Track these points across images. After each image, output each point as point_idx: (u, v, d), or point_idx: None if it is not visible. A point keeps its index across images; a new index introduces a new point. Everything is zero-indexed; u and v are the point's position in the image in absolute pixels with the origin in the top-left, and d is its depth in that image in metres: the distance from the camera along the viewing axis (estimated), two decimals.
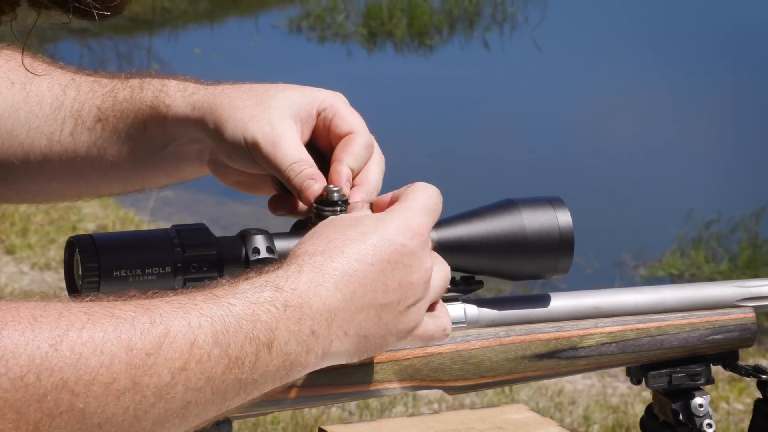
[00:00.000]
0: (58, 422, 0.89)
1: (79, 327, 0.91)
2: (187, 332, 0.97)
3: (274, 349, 1.03)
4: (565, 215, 1.26)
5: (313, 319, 1.06)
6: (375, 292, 1.10)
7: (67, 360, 0.89)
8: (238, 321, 1.01)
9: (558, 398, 4.35)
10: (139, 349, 0.93)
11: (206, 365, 0.98)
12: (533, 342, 1.28)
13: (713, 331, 1.34)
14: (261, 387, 1.04)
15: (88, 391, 0.90)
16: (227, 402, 1.01)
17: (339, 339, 1.09)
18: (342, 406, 4.08)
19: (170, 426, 0.97)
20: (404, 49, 10.73)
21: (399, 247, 1.12)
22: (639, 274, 6.18)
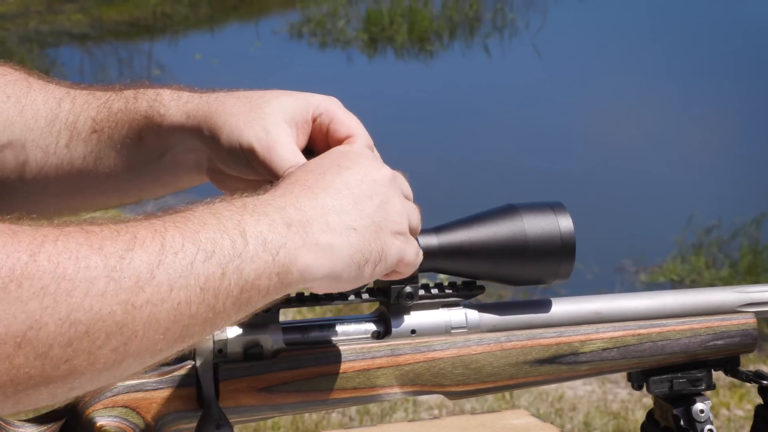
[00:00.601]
0: (46, 330, 0.90)
1: (53, 239, 0.92)
2: (154, 234, 0.97)
3: (249, 235, 1.01)
4: (567, 220, 1.26)
5: (280, 210, 1.05)
6: (337, 186, 1.10)
7: (46, 268, 0.90)
8: (200, 219, 1.01)
9: (558, 404, 4.34)
10: (112, 252, 0.94)
11: (183, 259, 0.97)
12: (534, 347, 1.28)
13: (714, 337, 1.34)
14: (254, 281, 1.01)
15: (70, 296, 0.91)
16: (220, 302, 0.99)
17: (323, 230, 1.06)
18: (342, 411, 4.08)
19: (166, 330, 0.96)
20: (405, 54, 10.74)
21: (354, 156, 1.15)
22: (639, 279, 6.18)
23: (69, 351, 0.91)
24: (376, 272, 1.11)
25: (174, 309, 0.96)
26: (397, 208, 1.13)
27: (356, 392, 1.22)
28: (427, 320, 1.26)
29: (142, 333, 0.94)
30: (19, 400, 0.91)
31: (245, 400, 1.18)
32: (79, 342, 0.91)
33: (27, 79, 1.37)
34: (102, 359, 0.93)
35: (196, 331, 0.98)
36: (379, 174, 1.14)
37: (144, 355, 0.96)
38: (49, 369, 0.90)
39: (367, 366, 1.22)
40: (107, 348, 0.93)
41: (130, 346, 0.94)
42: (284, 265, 1.02)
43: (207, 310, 0.98)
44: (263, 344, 1.19)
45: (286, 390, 1.19)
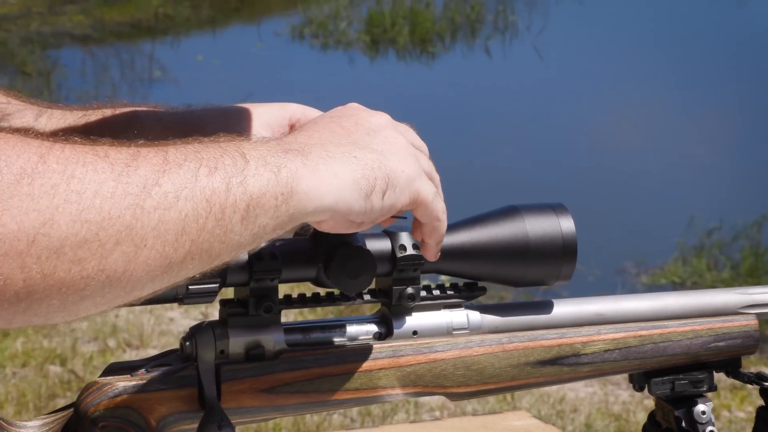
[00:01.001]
0: (56, 229, 0.90)
1: (60, 146, 0.93)
2: (157, 149, 0.98)
3: (249, 156, 1.01)
4: (568, 222, 1.26)
5: (278, 142, 1.06)
6: (331, 128, 1.11)
7: (56, 169, 0.91)
8: (201, 143, 1.02)
9: (560, 405, 4.34)
10: (118, 160, 0.94)
11: (186, 171, 0.97)
12: (536, 348, 1.28)
13: (716, 338, 1.34)
14: (258, 198, 1.01)
15: (80, 197, 0.91)
16: (227, 218, 0.99)
17: (323, 159, 1.06)
18: (344, 412, 4.08)
19: (175, 241, 0.96)
20: (406, 56, 10.74)
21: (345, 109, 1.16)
22: (641, 281, 6.17)
23: (80, 252, 0.91)
24: (387, 202, 1.10)
25: (182, 220, 0.96)
26: (399, 143, 1.13)
27: (358, 393, 1.22)
28: (429, 321, 1.26)
29: (151, 242, 0.94)
30: (30, 306, 0.90)
31: (247, 401, 1.18)
32: (89, 243, 0.91)
33: (6, 98, 1.39)
34: (112, 264, 0.92)
35: (206, 248, 0.98)
36: (375, 118, 1.14)
37: (154, 268, 0.95)
38: (60, 271, 0.90)
39: (368, 367, 1.22)
40: (117, 252, 0.93)
41: (140, 254, 0.94)
42: (287, 184, 1.03)
43: (215, 224, 0.98)
44: (265, 345, 1.19)
45: (287, 391, 1.19)
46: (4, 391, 4.18)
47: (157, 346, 4.56)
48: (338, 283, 1.19)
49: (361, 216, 1.08)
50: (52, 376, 4.31)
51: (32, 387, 4.21)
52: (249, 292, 1.18)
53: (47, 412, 1.20)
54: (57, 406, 4.03)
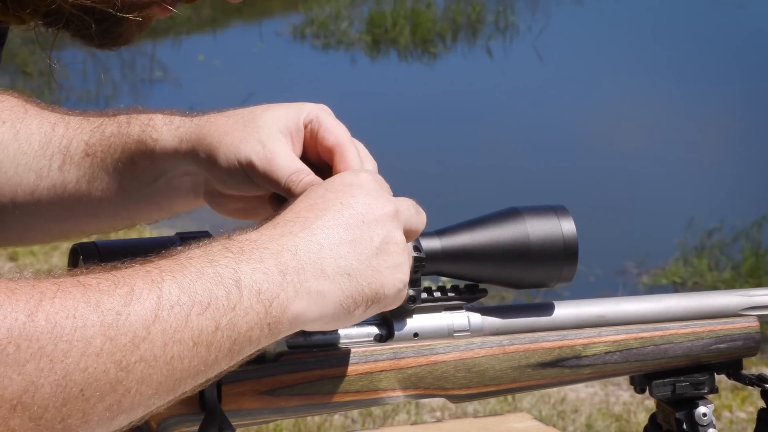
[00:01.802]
0: (41, 393, 0.89)
1: (50, 297, 0.92)
2: (151, 287, 0.97)
3: (244, 287, 1.02)
4: (569, 223, 1.26)
5: (276, 255, 1.05)
6: (336, 227, 1.10)
7: (44, 328, 0.90)
8: (198, 269, 1.01)
9: (561, 406, 4.34)
10: (108, 309, 0.94)
11: (178, 313, 0.97)
12: (537, 350, 1.27)
13: (717, 340, 1.33)
14: (246, 333, 1.02)
15: (66, 357, 0.91)
16: (212, 354, 1.00)
17: (316, 277, 1.07)
18: (345, 414, 4.07)
19: (158, 384, 0.97)
20: (408, 56, 10.74)
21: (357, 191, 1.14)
22: (642, 282, 6.17)
23: (64, 411, 0.91)
24: (369, 313, 1.12)
25: (167, 364, 0.97)
26: (399, 248, 1.13)
27: (359, 395, 1.22)
28: (430, 323, 1.25)
29: (135, 390, 0.95)
30: None
31: (248, 404, 1.18)
32: (73, 402, 0.91)
33: (24, 105, 1.39)
34: (96, 417, 0.93)
35: (188, 383, 1.00)
36: (381, 211, 1.13)
37: (137, 410, 0.96)
38: (44, 429, 0.90)
39: (369, 369, 1.22)
40: (101, 406, 0.93)
41: (123, 403, 0.95)
42: (276, 316, 1.04)
43: (199, 363, 0.99)
44: (266, 347, 1.19)
45: (288, 393, 1.19)
46: None
47: None
48: None
49: (338, 326, 1.11)
50: None
51: None
52: None
53: None
54: None
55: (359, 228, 1.11)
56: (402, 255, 1.14)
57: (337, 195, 1.14)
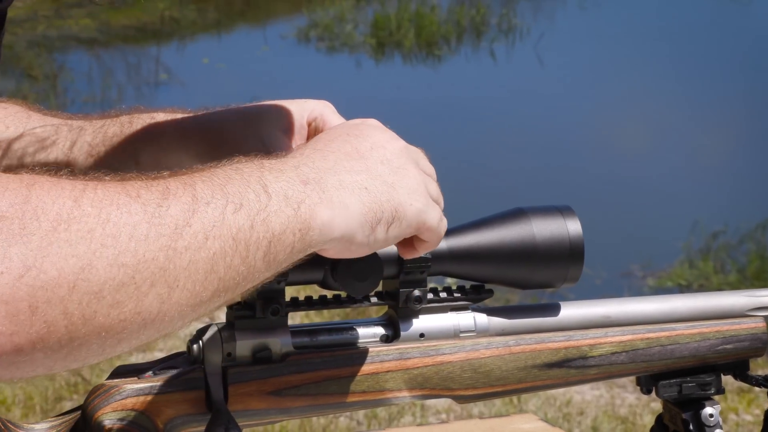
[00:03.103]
0: (96, 274, 0.90)
1: (93, 187, 0.93)
2: (185, 186, 0.99)
3: (271, 191, 1.03)
4: (575, 224, 1.26)
5: (295, 169, 1.06)
6: (348, 150, 1.11)
7: (90, 213, 0.91)
8: (226, 174, 1.02)
9: (566, 408, 4.34)
10: (149, 200, 0.95)
11: (214, 209, 0.98)
12: (543, 351, 1.27)
13: (724, 341, 1.33)
14: (279, 235, 1.02)
15: (115, 240, 0.92)
16: (251, 254, 1.00)
17: (336, 188, 1.07)
18: (350, 415, 4.07)
19: (204, 279, 0.97)
20: (412, 59, 10.74)
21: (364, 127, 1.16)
22: (647, 284, 6.17)
23: (118, 296, 0.91)
24: (392, 234, 1.11)
25: (211, 258, 0.97)
26: (411, 173, 1.14)
27: (365, 396, 1.22)
28: (436, 324, 1.25)
29: (183, 282, 0.95)
30: (71, 352, 0.91)
31: (254, 404, 1.18)
32: (126, 287, 0.92)
33: (27, 111, 1.40)
34: (148, 306, 0.93)
35: (231, 285, 0.99)
36: (391, 144, 1.15)
37: (185, 307, 0.96)
38: (100, 315, 0.91)
39: (375, 370, 1.22)
40: (152, 294, 0.93)
41: (173, 295, 0.95)
42: (305, 220, 1.04)
43: (240, 261, 0.99)
44: (272, 348, 1.19)
45: (294, 393, 1.19)
46: (11, 393, 4.18)
47: (163, 349, 4.55)
48: (345, 286, 1.19)
49: (364, 247, 1.10)
50: (58, 378, 4.31)
51: (39, 389, 4.21)
52: (256, 295, 1.18)
53: (55, 415, 1.20)
54: (63, 408, 4.03)
55: (369, 153, 1.12)
56: (417, 182, 1.13)
57: (343, 129, 1.15)
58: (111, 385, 1.16)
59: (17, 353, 0.88)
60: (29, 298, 0.87)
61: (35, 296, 0.88)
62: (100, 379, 4.18)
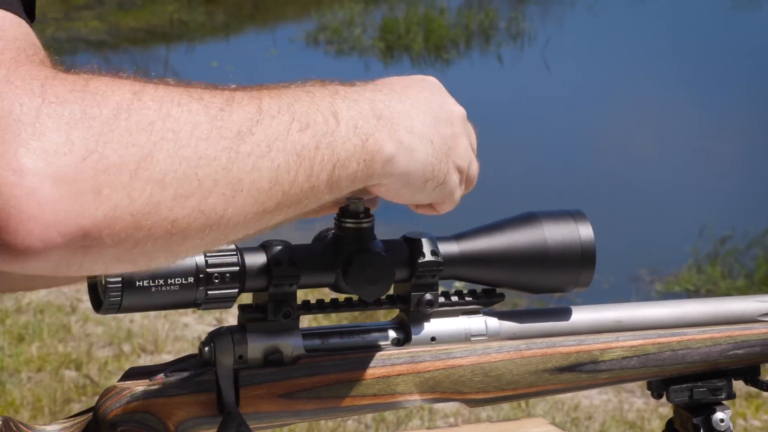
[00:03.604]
0: (156, 163, 0.90)
1: (153, 85, 0.94)
2: (251, 98, 0.99)
3: (341, 118, 1.03)
4: (587, 229, 1.26)
5: (370, 102, 1.07)
6: (421, 99, 1.13)
7: (151, 106, 0.91)
8: (295, 95, 1.02)
9: (574, 413, 4.33)
10: (212, 104, 0.95)
11: (279, 124, 0.98)
12: (554, 355, 1.27)
13: (735, 346, 1.33)
14: (344, 161, 1.03)
15: (176, 135, 0.92)
16: (315, 174, 1.00)
17: (406, 131, 1.09)
18: (358, 418, 4.07)
19: (268, 189, 0.97)
20: (421, 62, 10.74)
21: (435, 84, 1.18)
22: (655, 289, 6.16)
23: (181, 189, 0.91)
24: (431, 194, 1.14)
25: (274, 170, 0.97)
26: (464, 145, 1.16)
27: (376, 399, 1.22)
28: (447, 327, 1.25)
29: (247, 188, 0.95)
30: (137, 243, 0.91)
31: (265, 407, 1.18)
32: (189, 181, 0.92)
33: None
34: (212, 206, 0.93)
35: (294, 200, 1.00)
36: (456, 108, 1.17)
37: (249, 214, 0.96)
38: (165, 207, 0.91)
39: (386, 373, 1.22)
40: (216, 193, 0.93)
41: (237, 198, 0.95)
42: (371, 152, 1.05)
43: (304, 179, 0.99)
44: (283, 350, 1.19)
45: (305, 396, 1.19)
46: (20, 395, 4.19)
47: (172, 352, 4.56)
48: (357, 289, 1.19)
49: (410, 194, 1.12)
50: (67, 380, 4.32)
51: (47, 391, 4.21)
52: (268, 298, 1.18)
53: (66, 417, 1.20)
54: (72, 410, 4.03)
55: (439, 109, 1.14)
56: (466, 155, 1.16)
57: (417, 80, 1.16)
58: (122, 387, 1.16)
59: (84, 236, 0.88)
60: (93, 181, 0.87)
61: (98, 179, 0.87)
62: (108, 382, 4.18)
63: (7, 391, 4.20)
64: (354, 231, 1.20)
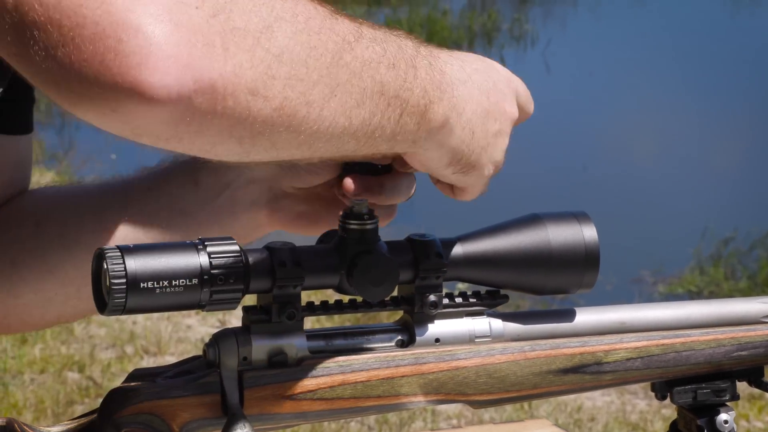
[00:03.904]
0: (275, 39, 0.96)
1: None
2: (353, 20, 1.04)
3: (417, 76, 1.08)
4: (591, 230, 1.26)
5: (441, 74, 1.12)
6: (488, 95, 1.18)
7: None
8: (386, 37, 1.08)
9: (577, 414, 4.34)
10: (320, 7, 1.01)
11: (373, 53, 1.03)
12: (558, 357, 1.27)
13: (738, 348, 1.33)
14: (410, 109, 1.07)
15: (294, 18, 0.98)
16: (389, 109, 1.05)
17: (457, 114, 1.13)
18: (361, 419, 4.07)
19: (355, 105, 1.02)
20: None
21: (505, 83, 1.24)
22: (658, 291, 6.17)
23: (293, 71, 0.97)
24: (454, 177, 1.19)
25: (361, 91, 1.03)
26: (502, 146, 1.22)
27: (380, 400, 1.22)
28: (451, 329, 1.25)
29: (339, 95, 1.01)
30: (249, 116, 0.95)
31: (269, 408, 1.18)
32: (301, 65, 0.98)
33: None
34: (314, 98, 0.99)
35: (367, 132, 1.05)
36: (510, 109, 1.22)
37: (335, 125, 1.01)
38: (278, 83, 0.96)
39: (391, 374, 1.22)
40: (318, 89, 0.99)
41: (332, 102, 1.00)
42: (428, 120, 1.11)
43: (384, 109, 1.05)
44: (288, 352, 1.19)
45: (310, 398, 1.19)
46: (23, 397, 4.19)
47: (175, 353, 4.56)
48: (361, 291, 1.19)
49: (431, 170, 1.18)
50: (70, 382, 4.32)
51: (50, 393, 4.22)
52: (272, 299, 1.18)
53: (70, 419, 1.20)
54: (75, 412, 4.03)
55: (495, 105, 1.20)
56: (499, 157, 1.23)
57: (486, 66, 1.21)
58: (127, 389, 1.16)
59: (212, 88, 0.93)
60: (221, 37, 0.92)
61: (226, 37, 0.93)
62: (111, 383, 4.18)
63: (11, 393, 4.21)
64: (358, 233, 1.20)
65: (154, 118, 0.92)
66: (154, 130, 0.94)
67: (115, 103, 0.92)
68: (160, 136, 0.96)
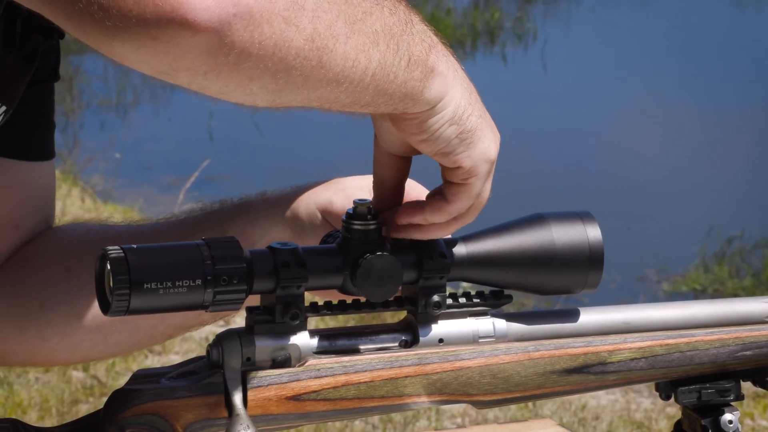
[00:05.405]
0: None
1: None
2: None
3: (415, 24, 1.12)
4: (595, 230, 1.26)
5: (433, 46, 1.15)
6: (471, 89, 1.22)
7: None
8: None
9: (582, 413, 4.33)
10: None
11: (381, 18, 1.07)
12: (562, 357, 1.27)
13: (743, 347, 1.33)
14: (415, 59, 1.10)
15: None
16: (396, 58, 1.07)
17: (452, 68, 1.16)
18: (365, 419, 4.07)
19: (367, 45, 1.05)
20: None
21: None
22: (662, 289, 6.16)
23: (317, 11, 0.99)
24: (459, 147, 1.18)
25: (372, 33, 1.05)
26: (492, 140, 1.24)
27: (383, 401, 1.22)
28: (455, 329, 1.25)
29: (356, 35, 1.03)
30: (279, 50, 0.97)
31: (273, 409, 1.18)
32: (321, 1, 1.00)
33: (86, 226, 1.49)
34: (336, 32, 1.01)
35: (380, 78, 1.07)
36: (493, 144, 1.26)
37: (345, 69, 1.04)
38: (308, 12, 0.99)
39: (394, 375, 1.22)
40: (340, 24, 1.02)
41: (350, 40, 1.03)
42: (431, 66, 1.13)
43: (390, 59, 1.07)
44: (291, 352, 1.19)
45: (314, 398, 1.19)
46: (27, 396, 4.19)
47: (179, 353, 4.56)
48: (365, 291, 1.19)
49: (438, 135, 1.16)
50: (74, 381, 4.32)
51: (55, 392, 4.22)
52: (275, 300, 1.18)
53: (74, 419, 1.20)
54: (80, 411, 4.03)
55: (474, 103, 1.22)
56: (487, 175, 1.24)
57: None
58: (130, 390, 1.16)
59: (249, 15, 0.95)
60: None
61: None
62: (115, 382, 4.19)
63: (15, 392, 4.21)
64: (361, 233, 1.20)
65: (195, 45, 0.93)
66: (193, 62, 0.94)
67: (155, 30, 0.92)
68: (198, 70, 0.95)
